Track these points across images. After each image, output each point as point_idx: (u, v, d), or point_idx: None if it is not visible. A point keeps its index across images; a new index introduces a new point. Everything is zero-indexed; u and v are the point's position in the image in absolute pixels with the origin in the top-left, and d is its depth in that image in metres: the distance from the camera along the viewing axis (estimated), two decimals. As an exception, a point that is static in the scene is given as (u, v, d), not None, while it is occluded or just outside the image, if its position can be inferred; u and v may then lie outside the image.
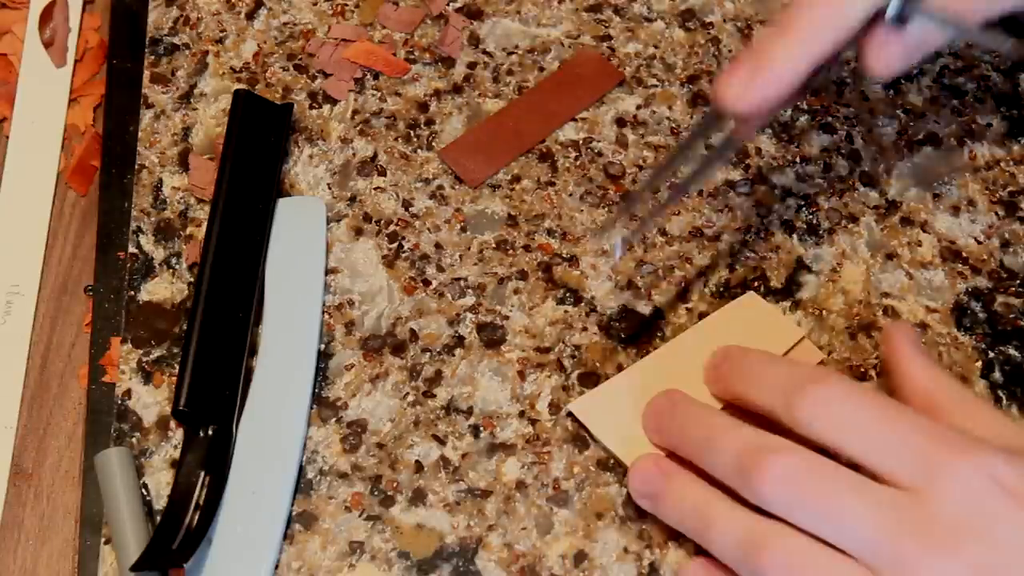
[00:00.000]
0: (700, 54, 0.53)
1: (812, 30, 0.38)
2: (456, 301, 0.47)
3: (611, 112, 0.52)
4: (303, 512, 0.43)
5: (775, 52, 0.38)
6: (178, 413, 0.43)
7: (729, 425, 0.39)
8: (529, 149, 0.51)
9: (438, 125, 0.51)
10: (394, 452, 0.44)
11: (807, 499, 0.36)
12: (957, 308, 0.47)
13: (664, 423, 0.41)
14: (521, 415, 0.45)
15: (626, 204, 0.44)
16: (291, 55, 0.53)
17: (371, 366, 0.46)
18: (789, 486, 0.36)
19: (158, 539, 0.40)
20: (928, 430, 0.36)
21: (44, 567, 0.43)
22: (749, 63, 0.38)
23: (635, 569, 0.42)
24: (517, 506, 0.43)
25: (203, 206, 0.49)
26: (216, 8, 0.54)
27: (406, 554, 0.42)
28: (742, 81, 0.38)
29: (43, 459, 0.45)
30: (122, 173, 0.50)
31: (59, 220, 0.50)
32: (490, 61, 0.53)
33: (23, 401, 0.46)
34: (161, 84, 0.52)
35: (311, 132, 0.51)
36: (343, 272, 0.48)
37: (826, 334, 0.47)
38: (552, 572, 0.42)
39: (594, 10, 0.54)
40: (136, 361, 0.46)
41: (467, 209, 0.49)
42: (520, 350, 0.46)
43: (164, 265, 0.48)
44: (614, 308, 0.47)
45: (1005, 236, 0.49)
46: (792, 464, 0.36)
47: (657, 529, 0.43)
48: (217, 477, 0.42)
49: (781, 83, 0.38)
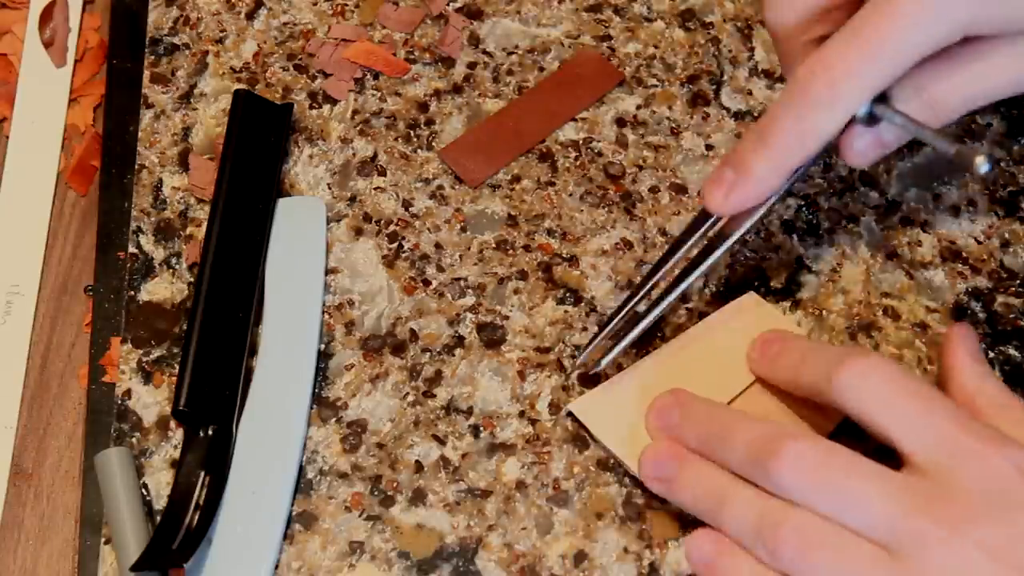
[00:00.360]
0: (700, 54, 0.53)
1: (789, 144, 0.40)
2: (456, 301, 0.47)
3: (611, 112, 0.52)
4: (303, 512, 0.43)
5: (755, 165, 0.41)
6: (178, 413, 0.43)
7: (741, 418, 0.40)
8: (529, 149, 0.51)
9: (438, 125, 0.51)
10: (394, 452, 0.44)
11: (823, 482, 0.36)
12: (957, 308, 0.47)
13: (671, 422, 0.42)
14: (521, 415, 0.45)
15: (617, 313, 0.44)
16: (291, 55, 0.53)
17: (371, 366, 0.46)
18: (805, 470, 0.37)
19: (158, 539, 0.40)
20: (960, 418, 0.37)
21: (44, 567, 0.43)
22: (731, 174, 0.41)
23: (635, 569, 0.42)
24: (517, 506, 0.43)
25: (203, 206, 0.49)
26: (216, 8, 0.54)
27: (406, 554, 0.42)
28: (724, 191, 0.42)
29: (43, 459, 0.45)
30: (122, 173, 0.50)
31: (59, 220, 0.50)
32: (490, 61, 0.53)
33: (23, 401, 0.46)
34: (161, 84, 0.52)
35: (311, 132, 0.51)
36: (343, 272, 0.48)
37: (826, 334, 0.47)
38: (552, 572, 0.42)
39: (594, 10, 0.54)
40: (136, 361, 0.46)
41: (467, 209, 0.49)
42: (520, 350, 0.46)
43: (164, 265, 0.48)
44: (614, 308, 0.47)
45: (1005, 236, 0.49)
46: (808, 449, 0.37)
47: (657, 529, 0.43)
48: (217, 477, 0.42)
49: (761, 191, 0.42)
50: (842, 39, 0.38)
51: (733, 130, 0.51)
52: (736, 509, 0.38)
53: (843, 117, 0.39)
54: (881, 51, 0.38)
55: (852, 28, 0.38)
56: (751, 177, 0.41)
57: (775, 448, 0.37)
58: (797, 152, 0.40)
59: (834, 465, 0.37)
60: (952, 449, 0.36)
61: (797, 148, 0.40)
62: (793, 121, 0.40)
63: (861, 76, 0.38)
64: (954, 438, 0.36)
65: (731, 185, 0.41)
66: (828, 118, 0.39)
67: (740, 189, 0.41)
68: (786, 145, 0.40)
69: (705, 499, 0.39)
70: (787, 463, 0.37)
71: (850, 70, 0.38)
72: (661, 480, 0.41)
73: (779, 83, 0.52)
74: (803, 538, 0.36)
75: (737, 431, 0.39)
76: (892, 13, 0.37)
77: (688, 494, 0.40)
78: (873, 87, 0.39)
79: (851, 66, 0.38)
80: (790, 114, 0.40)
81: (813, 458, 0.37)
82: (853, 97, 0.39)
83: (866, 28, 0.38)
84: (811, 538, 0.36)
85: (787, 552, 0.36)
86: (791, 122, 0.40)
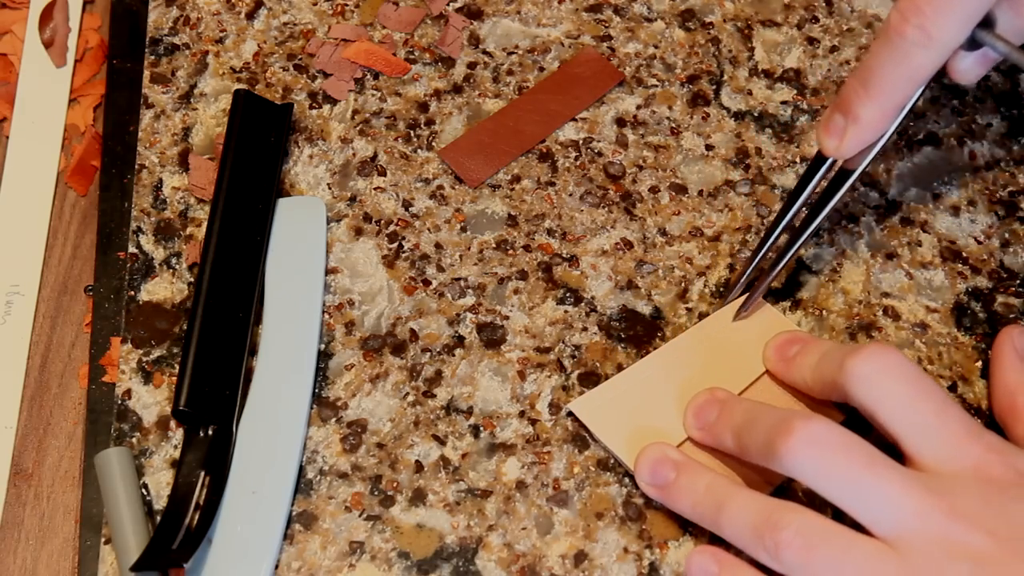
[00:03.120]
0: (700, 54, 0.53)
1: (891, 87, 0.40)
2: (456, 301, 0.47)
3: (611, 112, 0.52)
4: (303, 512, 0.43)
5: (862, 110, 0.41)
6: (178, 413, 0.43)
7: (767, 408, 0.40)
8: (529, 149, 0.51)
9: (438, 125, 0.51)
10: (394, 452, 0.44)
11: (833, 465, 0.36)
12: (957, 308, 0.47)
13: (708, 420, 0.42)
14: (521, 415, 0.45)
15: (753, 258, 0.45)
16: (291, 55, 0.53)
17: (371, 366, 0.46)
18: (815, 450, 0.36)
19: (158, 539, 0.40)
20: (968, 423, 0.37)
21: (44, 567, 0.43)
22: (840, 120, 0.41)
23: (635, 569, 0.42)
24: (517, 506, 0.43)
25: (203, 206, 0.49)
26: (216, 8, 0.54)
27: (406, 554, 0.42)
28: (838, 137, 0.42)
29: (43, 459, 0.45)
30: (122, 173, 0.50)
31: (59, 220, 0.50)
32: (490, 61, 0.53)
33: (23, 401, 0.46)
34: (161, 84, 0.52)
35: (311, 132, 0.51)
36: (343, 272, 0.48)
37: (826, 334, 0.47)
38: (552, 572, 0.42)
39: (594, 10, 0.54)
40: (136, 361, 0.46)
41: (467, 209, 0.49)
42: (520, 350, 0.46)
43: (164, 265, 0.48)
44: (614, 308, 0.47)
45: (1005, 236, 0.49)
46: (821, 431, 0.37)
47: (657, 529, 0.43)
48: (217, 477, 0.42)
49: (873, 133, 0.41)
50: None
51: (733, 130, 0.51)
52: (735, 512, 0.38)
53: (941, 54, 0.39)
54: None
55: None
56: (861, 122, 0.41)
57: (787, 427, 0.37)
58: (901, 93, 0.40)
59: (844, 449, 0.36)
60: (954, 451, 0.36)
61: (900, 89, 0.40)
62: (892, 66, 0.39)
63: (952, 13, 0.38)
64: (958, 441, 0.36)
65: (842, 131, 0.41)
66: (927, 58, 0.39)
67: (852, 134, 0.41)
68: (889, 88, 0.40)
69: (703, 504, 0.39)
70: (796, 441, 0.37)
71: (939, 9, 0.38)
72: (657, 486, 0.41)
73: (779, 83, 0.52)
74: (805, 538, 0.36)
75: (760, 418, 0.39)
76: None
77: (686, 500, 0.40)
78: (964, 22, 0.38)
79: (939, 5, 0.38)
80: (889, 59, 0.39)
81: (823, 439, 0.37)
82: (948, 35, 0.38)
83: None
84: (813, 537, 0.36)
85: (789, 552, 0.36)
86: (890, 66, 0.39)
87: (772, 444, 0.37)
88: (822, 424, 0.37)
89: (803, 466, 0.37)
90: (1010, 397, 0.42)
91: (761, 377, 0.44)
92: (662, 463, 0.41)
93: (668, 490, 0.41)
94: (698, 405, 0.42)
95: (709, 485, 0.39)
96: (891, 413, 0.37)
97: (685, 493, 0.40)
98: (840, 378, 0.39)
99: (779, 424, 0.37)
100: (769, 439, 0.37)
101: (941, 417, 0.37)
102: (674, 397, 0.44)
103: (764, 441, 0.38)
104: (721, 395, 0.42)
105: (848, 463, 0.36)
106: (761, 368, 0.44)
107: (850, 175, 0.43)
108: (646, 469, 0.41)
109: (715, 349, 0.45)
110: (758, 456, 0.38)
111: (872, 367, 0.38)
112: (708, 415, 0.42)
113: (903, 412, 0.37)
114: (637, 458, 0.42)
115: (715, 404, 0.42)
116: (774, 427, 0.38)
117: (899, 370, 0.38)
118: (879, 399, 0.38)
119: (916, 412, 0.37)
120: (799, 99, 0.52)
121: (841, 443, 0.37)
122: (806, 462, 0.37)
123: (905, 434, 0.37)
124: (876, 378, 0.38)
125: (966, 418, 0.37)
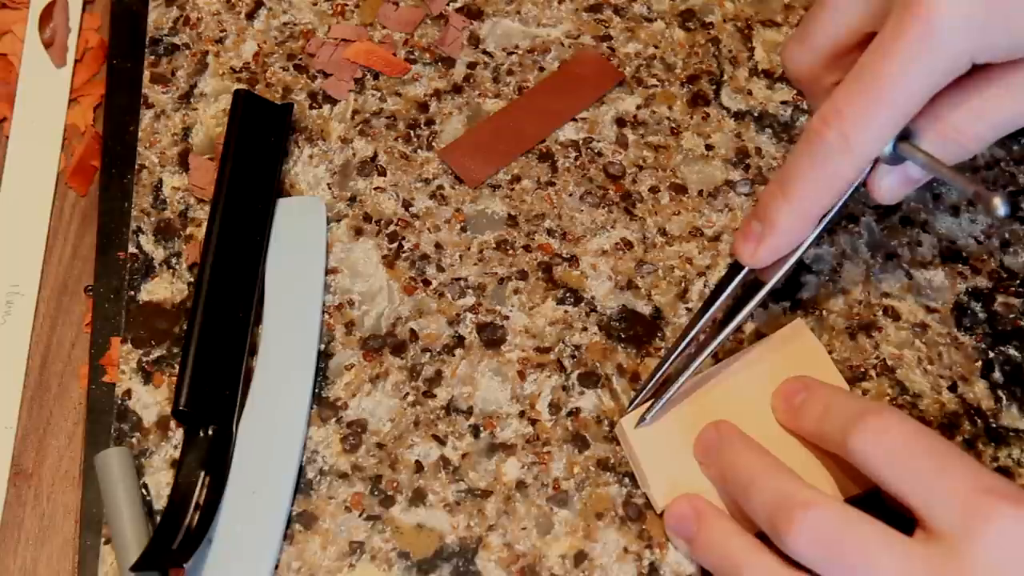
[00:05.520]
0: (700, 54, 0.53)
1: (810, 194, 0.40)
2: (456, 301, 0.47)
3: (611, 112, 0.52)
4: (303, 512, 0.43)
5: (779, 217, 0.40)
6: (178, 413, 0.43)
7: (769, 469, 0.39)
8: (529, 149, 0.51)
9: (438, 125, 0.51)
10: (394, 452, 0.44)
11: (836, 554, 0.36)
12: (957, 308, 0.47)
13: (712, 457, 0.42)
14: (521, 415, 0.45)
15: (658, 369, 0.44)
16: (291, 55, 0.53)
17: (371, 366, 0.46)
18: (818, 542, 0.36)
19: (158, 539, 0.40)
20: (977, 477, 0.36)
21: (44, 567, 0.43)
22: (758, 227, 0.41)
23: (635, 569, 0.42)
24: (517, 506, 0.43)
25: (203, 206, 0.49)
26: (216, 8, 0.54)
27: (406, 554, 0.42)
28: (753, 244, 0.41)
29: (43, 459, 0.45)
30: (122, 173, 0.50)
31: (59, 220, 0.50)
32: (490, 61, 0.53)
33: (23, 401, 0.46)
34: (161, 84, 0.52)
35: (311, 132, 0.51)
36: (343, 272, 0.48)
37: (826, 334, 0.47)
38: (552, 572, 0.42)
39: (594, 10, 0.54)
40: (136, 361, 0.46)
41: (467, 209, 0.49)
42: (520, 350, 0.46)
43: (164, 265, 0.48)
44: (614, 308, 0.47)
45: (1005, 236, 0.49)
46: (821, 519, 0.37)
47: (657, 529, 0.43)
48: (217, 477, 0.42)
49: (789, 241, 0.41)
50: (849, 85, 0.37)
51: (733, 130, 0.51)
52: (750, 574, 0.38)
53: (861, 163, 0.39)
54: (888, 93, 0.37)
55: (857, 73, 0.37)
56: (777, 229, 0.40)
57: (788, 516, 0.37)
58: (819, 201, 0.40)
59: (846, 535, 0.36)
60: (965, 511, 0.35)
61: (819, 197, 0.40)
62: (811, 171, 0.39)
63: (872, 121, 0.37)
64: (967, 500, 0.36)
65: (759, 238, 0.41)
66: (846, 166, 0.38)
67: (768, 241, 0.41)
68: (807, 195, 0.40)
69: (723, 564, 0.40)
70: (797, 534, 0.36)
71: (859, 116, 0.37)
72: (682, 538, 0.41)
73: (779, 83, 0.52)
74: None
75: (763, 484, 0.39)
76: (893, 53, 0.36)
77: (707, 555, 0.40)
78: (887, 130, 0.38)
79: (860, 112, 0.37)
80: (808, 164, 0.39)
81: (824, 528, 0.36)
82: (868, 143, 0.38)
83: (870, 72, 0.37)
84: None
85: None
86: (810, 171, 0.39)
87: (776, 528, 0.37)
88: (821, 511, 0.37)
89: (805, 556, 0.37)
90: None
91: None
92: (686, 516, 0.41)
93: (691, 544, 0.41)
94: (704, 440, 0.42)
95: (727, 547, 0.39)
96: (894, 481, 0.37)
97: (705, 551, 0.40)
98: (843, 451, 0.39)
99: (782, 507, 0.37)
100: (773, 521, 0.38)
101: (943, 476, 0.36)
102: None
103: (768, 520, 0.38)
104: (725, 430, 0.42)
105: (846, 549, 0.36)
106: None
107: (761, 288, 0.42)
108: (672, 520, 0.42)
109: (763, 380, 0.44)
110: (761, 525, 0.39)
111: (870, 439, 0.38)
112: (711, 453, 0.42)
113: (905, 478, 0.37)
114: (667, 508, 0.42)
115: (718, 442, 0.42)
116: (776, 509, 0.38)
117: (896, 436, 0.37)
118: (881, 470, 0.37)
119: (918, 477, 0.37)
120: (799, 99, 0.52)
121: (840, 528, 0.37)
122: (808, 554, 0.36)
123: (910, 500, 0.37)
124: (875, 448, 0.37)
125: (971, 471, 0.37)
